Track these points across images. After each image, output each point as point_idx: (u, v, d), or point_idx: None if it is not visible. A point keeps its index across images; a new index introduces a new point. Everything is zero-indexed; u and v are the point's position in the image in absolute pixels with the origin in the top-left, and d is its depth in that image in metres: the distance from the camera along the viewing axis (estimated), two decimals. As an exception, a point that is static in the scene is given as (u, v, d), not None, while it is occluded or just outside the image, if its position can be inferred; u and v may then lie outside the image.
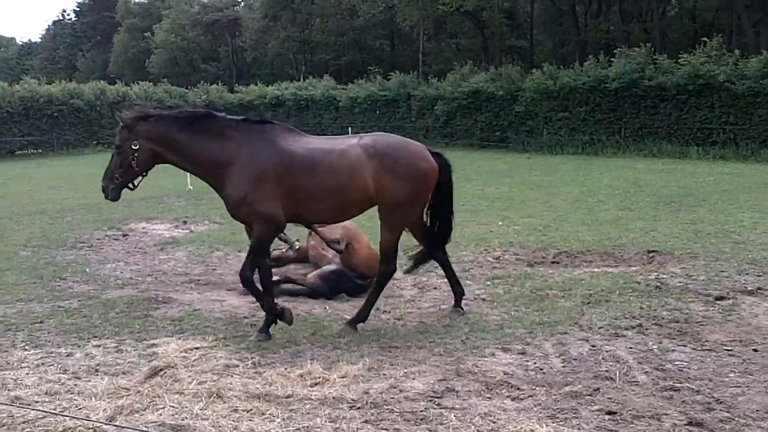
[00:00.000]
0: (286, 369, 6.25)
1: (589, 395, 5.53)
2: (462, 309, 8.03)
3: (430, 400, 5.50)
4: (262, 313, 8.11)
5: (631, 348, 6.62)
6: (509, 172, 24.53)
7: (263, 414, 5.27)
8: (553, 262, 10.52)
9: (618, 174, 22.87)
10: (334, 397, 5.57)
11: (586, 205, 16.09)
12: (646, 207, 15.43)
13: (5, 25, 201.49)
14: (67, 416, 5.09)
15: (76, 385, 5.98)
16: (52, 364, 6.55)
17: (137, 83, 50.39)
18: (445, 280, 9.47)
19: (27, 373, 6.32)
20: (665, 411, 5.20)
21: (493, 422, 5.05)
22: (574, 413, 5.22)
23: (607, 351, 6.55)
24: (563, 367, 6.19)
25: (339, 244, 9.22)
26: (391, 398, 5.55)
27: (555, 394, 5.56)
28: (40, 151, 42.38)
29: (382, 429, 5.00)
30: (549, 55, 49.45)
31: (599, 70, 33.27)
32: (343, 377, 5.99)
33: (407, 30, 57.27)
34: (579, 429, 4.94)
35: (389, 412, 5.30)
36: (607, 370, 6.05)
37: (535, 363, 6.29)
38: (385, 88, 42.76)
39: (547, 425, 4.98)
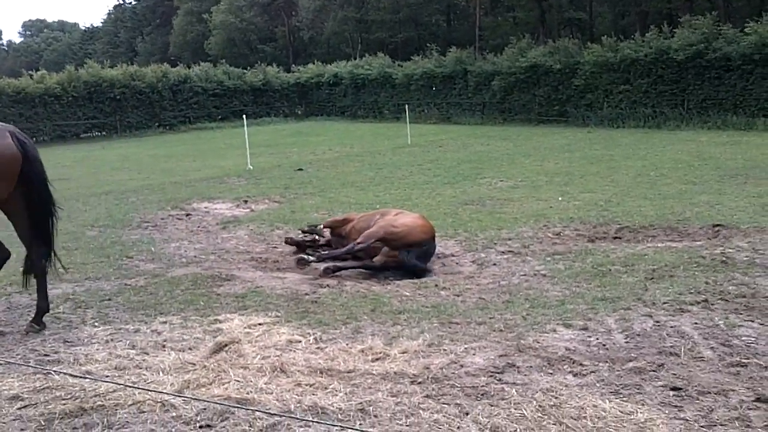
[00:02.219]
0: (347, 344, 6.32)
1: (653, 371, 5.46)
2: (38, 326, 7.15)
3: (491, 376, 5.50)
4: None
5: (696, 323, 6.50)
6: (569, 147, 24.19)
7: (326, 388, 5.35)
8: (615, 238, 10.37)
9: (681, 147, 22.36)
10: (395, 372, 5.62)
11: (648, 179, 15.79)
12: (711, 180, 15.07)
13: (69, 11, 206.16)
14: (138, 388, 5.24)
15: (144, 360, 6.15)
16: (121, 340, 6.74)
17: (198, 64, 51.03)
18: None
19: (97, 349, 6.53)
20: (732, 387, 5.11)
21: (555, 398, 5.03)
22: (638, 389, 5.16)
23: (671, 326, 6.44)
24: (626, 342, 6.12)
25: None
26: (452, 373, 5.57)
27: (618, 370, 5.50)
28: (104, 133, 43.37)
29: (443, 404, 5.02)
30: (609, 27, 48.41)
31: (661, 41, 32.44)
32: (403, 353, 6.03)
33: (463, 5, 56.83)
34: (643, 405, 4.89)
35: (450, 387, 5.32)
36: (671, 346, 5.95)
37: (597, 339, 6.23)
38: (441, 65, 42.49)
39: (610, 401, 4.93)
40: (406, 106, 34.28)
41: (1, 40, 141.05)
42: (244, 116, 28.00)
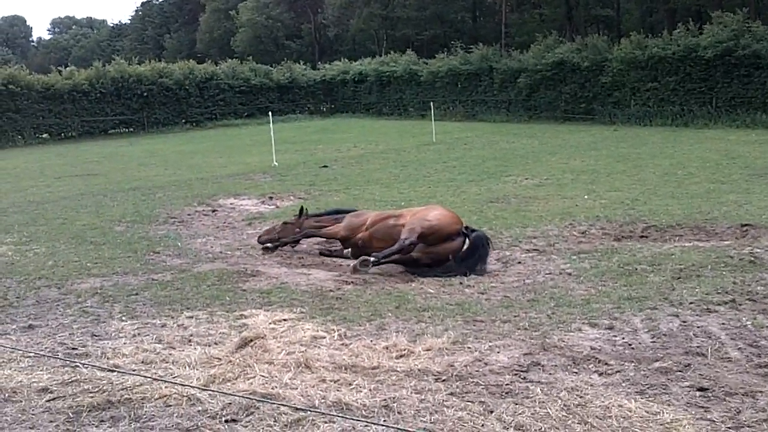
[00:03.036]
0: (371, 341, 6.33)
1: (680, 371, 5.42)
2: None
3: (516, 374, 5.49)
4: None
5: (723, 324, 6.44)
6: (595, 145, 24.04)
7: (350, 384, 5.37)
8: (641, 237, 10.30)
9: (709, 146, 22.14)
10: (419, 369, 5.62)
11: (675, 178, 15.65)
12: (739, 179, 14.90)
13: (97, 8, 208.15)
14: (166, 381, 5.29)
15: (170, 354, 6.21)
16: (148, 334, 6.81)
17: (225, 61, 51.29)
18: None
19: (124, 343, 6.60)
20: (760, 388, 5.05)
21: (580, 397, 5.01)
22: (664, 389, 5.12)
23: (698, 327, 6.39)
24: (653, 342, 6.07)
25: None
26: (476, 371, 5.56)
27: (644, 370, 5.46)
28: (131, 129, 43.74)
29: (467, 401, 5.02)
30: (636, 24, 48.01)
31: (690, 39, 32.10)
32: (427, 350, 6.04)
33: (489, 2, 56.55)
34: (669, 405, 4.85)
35: (474, 384, 5.31)
36: (698, 346, 5.90)
37: (623, 338, 6.19)
38: (466, 62, 42.35)
39: (635, 401, 4.91)
40: (431, 104, 34.22)
41: (30, 36, 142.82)
42: (269, 113, 28.11)
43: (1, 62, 54.83)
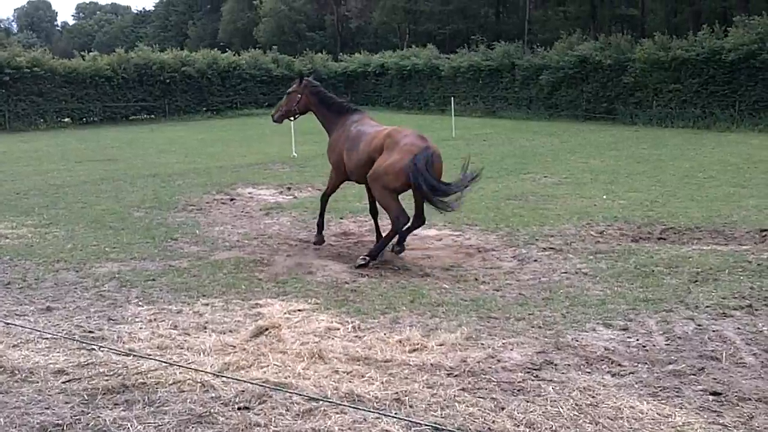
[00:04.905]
0: (385, 334, 6.36)
1: (693, 375, 5.40)
2: None
3: (528, 372, 5.49)
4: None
5: (739, 329, 6.41)
6: (615, 145, 23.91)
7: (363, 376, 5.40)
8: (659, 239, 10.25)
9: (731, 149, 21.96)
10: (431, 364, 5.64)
11: (695, 180, 15.55)
12: (761, 184, 14.78)
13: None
14: (181, 366, 5.34)
15: (185, 340, 6.27)
16: (164, 320, 6.87)
17: (248, 50, 51.39)
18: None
19: (140, 328, 6.67)
20: (774, 394, 5.03)
21: (592, 397, 5.01)
22: (677, 392, 5.11)
23: (713, 331, 6.36)
24: (667, 345, 6.06)
25: None
26: (489, 368, 5.57)
27: (657, 372, 5.45)
28: (152, 116, 43.92)
29: (479, 397, 5.03)
30: (660, 24, 47.65)
31: (714, 41, 31.80)
32: (441, 345, 6.06)
33: (513, -2, 56.27)
34: (681, 408, 4.84)
35: (486, 381, 5.33)
36: (713, 350, 5.88)
37: (637, 340, 6.18)
38: (488, 58, 42.17)
39: (648, 402, 4.90)
40: (452, 99, 34.13)
41: (55, 21, 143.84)
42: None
43: (26, 46, 55.18)
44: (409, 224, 9.24)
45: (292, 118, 10.81)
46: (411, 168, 8.59)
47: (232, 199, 14.37)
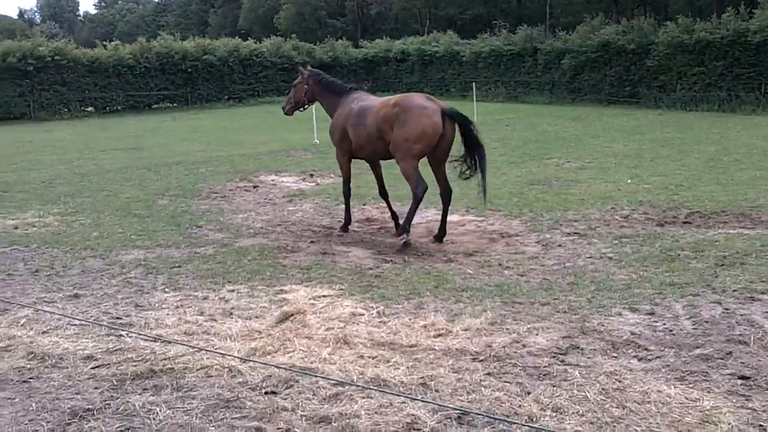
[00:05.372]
0: (410, 319, 6.36)
1: (721, 359, 5.36)
2: None
3: (554, 357, 5.47)
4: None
5: (767, 312, 6.34)
6: (639, 129, 23.70)
7: (388, 361, 5.41)
8: (684, 222, 10.15)
9: (757, 132, 21.69)
10: (457, 349, 5.64)
11: (721, 164, 15.38)
12: (788, 167, 14.60)
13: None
14: (209, 350, 5.38)
15: (212, 326, 6.31)
16: (190, 306, 6.93)
17: (269, 38, 51.44)
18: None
19: (167, 314, 6.72)
20: (803, 379, 4.99)
21: (619, 381, 4.98)
22: (704, 376, 5.08)
23: (741, 315, 6.30)
24: (694, 329, 6.01)
25: None
26: (514, 352, 5.56)
27: (684, 356, 5.42)
28: (175, 105, 44.20)
29: (505, 382, 5.03)
30: (684, 7, 47.01)
31: (739, 23, 31.39)
32: (465, 330, 6.05)
33: (535, -18, 55.76)
34: (709, 392, 4.81)
35: (512, 365, 5.32)
36: (740, 334, 5.83)
37: (664, 324, 6.14)
38: (510, 42, 41.97)
39: (675, 387, 4.87)
40: (473, 84, 33.98)
41: (77, 11, 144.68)
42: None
43: (49, 36, 55.57)
44: (442, 203, 9.45)
45: (301, 109, 11.15)
46: (446, 113, 9.07)
47: (255, 186, 14.44)
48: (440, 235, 9.44)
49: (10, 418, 4.70)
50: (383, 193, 10.37)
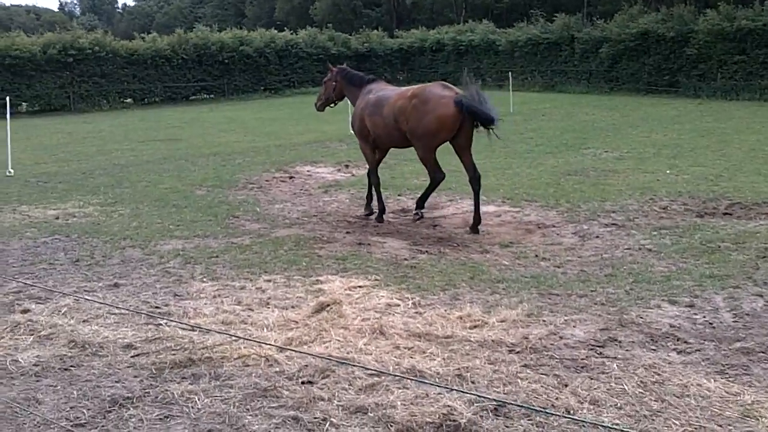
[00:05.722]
0: (445, 310, 6.36)
1: (762, 352, 5.27)
2: None
3: (592, 349, 5.43)
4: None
5: (810, 306, 6.23)
6: (678, 119, 23.35)
7: (424, 352, 5.41)
8: (725, 214, 9.99)
9: (801, 121, 21.25)
10: (493, 340, 5.62)
11: (762, 154, 15.10)
12: (833, 157, 14.28)
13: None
14: (248, 339, 5.43)
15: (249, 316, 6.37)
16: (227, 296, 6.99)
17: (305, 29, 51.54)
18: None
19: (205, 303, 6.79)
20: None
21: (658, 374, 4.93)
22: (745, 370, 5.00)
23: (783, 308, 6.20)
24: (734, 322, 5.92)
25: None
26: (551, 344, 5.53)
27: (725, 350, 5.34)
28: (212, 96, 44.50)
29: (541, 374, 5.00)
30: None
31: (783, 9, 30.76)
32: (502, 321, 6.03)
33: (572, -30, 55.04)
34: (750, 386, 4.74)
35: (549, 357, 5.29)
36: (782, 328, 5.73)
37: (704, 317, 6.06)
38: (547, 31, 41.54)
39: (715, 380, 4.81)
40: (509, 74, 33.72)
41: (116, 3, 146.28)
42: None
43: (88, 28, 56.28)
44: (472, 190, 9.55)
45: (332, 105, 11.66)
46: (462, 103, 9.26)
47: (291, 177, 14.51)
48: (475, 225, 9.45)
49: (52, 405, 4.79)
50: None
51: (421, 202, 10.18)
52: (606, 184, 12.28)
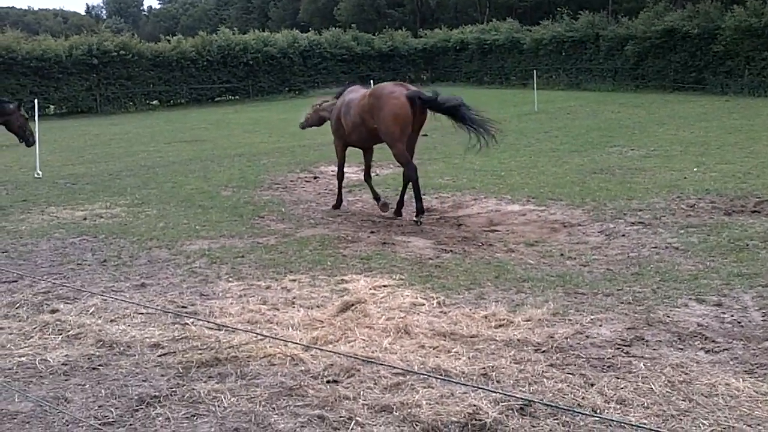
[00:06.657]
0: (470, 310, 6.34)
1: (792, 352, 5.21)
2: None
3: (618, 348, 5.39)
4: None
5: (841, 304, 6.14)
6: (705, 116, 23.11)
7: (449, 351, 5.40)
8: (753, 211, 9.87)
9: (831, 118, 20.94)
10: (518, 340, 5.60)
11: (792, 151, 14.91)
12: None
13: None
14: (274, 338, 5.46)
15: (274, 315, 6.39)
16: (253, 296, 7.02)
17: (328, 29, 51.67)
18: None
19: (231, 303, 6.83)
20: None
21: (686, 374, 4.88)
22: (775, 369, 4.94)
23: (814, 307, 6.11)
24: (763, 321, 5.85)
25: None
26: (577, 344, 5.50)
27: (754, 349, 5.28)
28: (237, 97, 44.75)
29: (568, 373, 4.97)
30: (754, -10, 45.56)
31: (813, 4, 30.35)
32: (527, 320, 6.00)
33: (597, -33, 54.70)
34: (780, 386, 4.68)
35: (575, 357, 5.26)
36: (813, 327, 5.66)
37: (732, 315, 5.99)
38: (572, 29, 41.33)
39: (744, 380, 4.75)
40: (534, 72, 33.58)
41: (142, 6, 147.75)
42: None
43: (114, 31, 56.81)
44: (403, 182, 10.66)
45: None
46: (412, 99, 10.00)
47: (315, 177, 14.56)
48: (398, 210, 10.70)
49: (80, 404, 4.84)
50: (368, 178, 11.56)
51: (419, 204, 10.18)
52: (632, 182, 12.19)
